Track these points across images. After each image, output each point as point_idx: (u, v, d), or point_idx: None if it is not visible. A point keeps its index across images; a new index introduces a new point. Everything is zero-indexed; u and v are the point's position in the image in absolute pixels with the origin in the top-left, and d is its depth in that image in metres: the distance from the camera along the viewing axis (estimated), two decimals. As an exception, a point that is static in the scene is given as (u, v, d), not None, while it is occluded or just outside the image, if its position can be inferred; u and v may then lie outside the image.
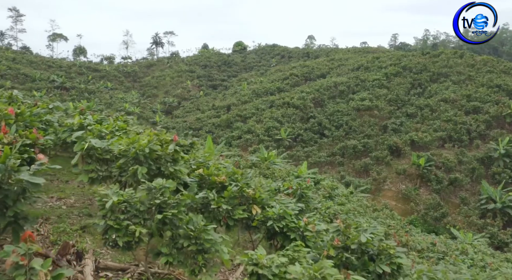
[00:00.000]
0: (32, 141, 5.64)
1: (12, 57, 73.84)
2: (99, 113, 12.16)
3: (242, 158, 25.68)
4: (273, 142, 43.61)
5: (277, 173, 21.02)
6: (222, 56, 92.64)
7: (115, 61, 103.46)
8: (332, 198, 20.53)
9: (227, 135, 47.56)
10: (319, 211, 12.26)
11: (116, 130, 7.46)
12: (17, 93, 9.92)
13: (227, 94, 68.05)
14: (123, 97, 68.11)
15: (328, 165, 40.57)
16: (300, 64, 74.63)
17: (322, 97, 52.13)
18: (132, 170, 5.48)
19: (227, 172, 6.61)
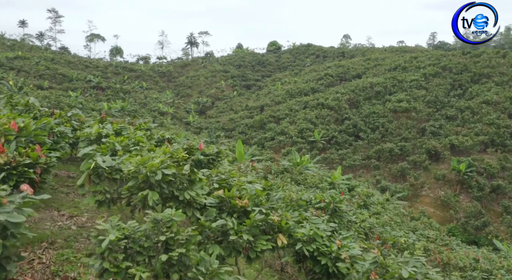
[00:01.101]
0: (32, 160, 5.10)
1: (51, 58, 75.34)
2: (121, 121, 11.67)
3: (274, 162, 24.94)
4: (307, 144, 42.71)
5: (309, 179, 20.21)
6: (256, 56, 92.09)
7: (150, 61, 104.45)
8: (367, 206, 19.61)
9: (259, 136, 46.93)
10: (354, 225, 11.42)
11: (132, 144, 6.87)
12: (34, 100, 9.49)
13: (260, 95, 67.42)
14: (158, 97, 68.43)
15: (363, 169, 39.39)
16: (335, 64, 73.26)
17: (358, 98, 50.84)
18: (141, 196, 4.86)
19: (250, 194, 5.90)
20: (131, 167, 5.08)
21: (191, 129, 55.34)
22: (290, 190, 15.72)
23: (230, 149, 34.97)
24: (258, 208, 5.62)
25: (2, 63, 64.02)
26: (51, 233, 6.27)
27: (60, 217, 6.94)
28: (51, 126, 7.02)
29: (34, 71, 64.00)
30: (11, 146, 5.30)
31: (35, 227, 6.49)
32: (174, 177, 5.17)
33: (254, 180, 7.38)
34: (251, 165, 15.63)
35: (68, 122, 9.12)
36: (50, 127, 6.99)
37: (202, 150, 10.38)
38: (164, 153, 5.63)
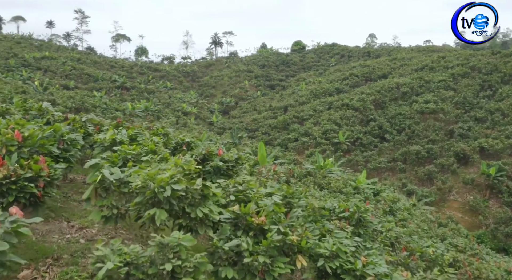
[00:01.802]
0: (35, 173, 4.78)
1: (77, 58, 76.27)
2: (138, 125, 11.38)
3: (297, 165, 24.44)
4: (331, 146, 42.02)
5: (333, 183, 19.65)
6: (280, 56, 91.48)
7: (175, 61, 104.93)
8: (393, 212, 18.98)
9: (283, 137, 46.47)
10: (379, 236, 10.88)
11: (144, 153, 6.50)
12: (47, 105, 9.23)
13: (284, 95, 66.85)
14: (182, 97, 68.56)
15: (388, 171, 38.50)
16: (360, 64, 72.16)
17: (383, 99, 49.82)
18: (148, 215, 4.47)
19: (268, 211, 5.46)
20: (139, 182, 4.70)
21: (215, 130, 55.20)
22: (313, 196, 15.24)
23: (253, 150, 34.62)
24: (276, 226, 5.19)
25: (30, 63, 65.05)
26: (57, 247, 5.95)
27: (69, 229, 6.62)
28: (61, 133, 6.71)
29: (60, 71, 64.84)
30: (13, 157, 5.00)
31: (42, 240, 6.18)
32: (185, 192, 4.78)
33: (273, 191, 6.96)
34: (273, 169, 15.18)
35: (82, 127, 8.84)
36: (60, 134, 6.69)
37: (221, 155, 10.01)
38: (176, 165, 5.24)
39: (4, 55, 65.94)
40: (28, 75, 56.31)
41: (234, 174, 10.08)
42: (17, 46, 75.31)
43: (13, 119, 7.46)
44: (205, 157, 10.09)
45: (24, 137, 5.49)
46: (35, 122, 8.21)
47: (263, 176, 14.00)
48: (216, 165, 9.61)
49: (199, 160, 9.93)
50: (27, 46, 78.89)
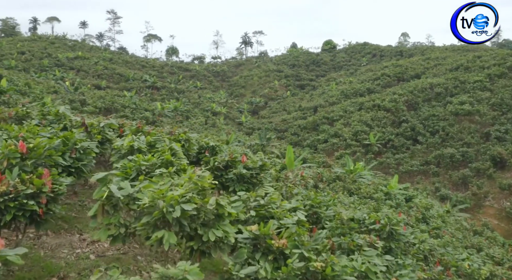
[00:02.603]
0: (36, 188, 4.42)
1: (109, 58, 77.25)
2: (159, 130, 11.03)
3: (326, 167, 23.81)
4: (361, 147, 41.10)
5: (363, 188, 18.95)
6: (310, 55, 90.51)
7: (205, 61, 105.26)
8: (426, 220, 18.18)
9: (312, 138, 45.75)
10: (412, 250, 10.23)
11: (160, 163, 6.10)
12: (64, 109, 8.96)
13: (314, 95, 66.00)
14: (211, 97, 68.57)
15: (421, 175, 37.33)
16: (392, 63, 70.52)
17: (416, 99, 48.45)
18: (155, 239, 4.05)
19: (290, 232, 4.95)
20: (146, 200, 4.28)
21: (243, 130, 54.89)
22: (342, 203, 14.65)
23: (281, 152, 34.11)
24: (299, 250, 4.69)
25: (63, 63, 66.17)
26: (65, 263, 5.60)
27: (80, 243, 6.28)
28: (74, 141, 6.38)
29: (92, 71, 65.75)
30: (14, 171, 4.66)
31: (51, 255, 5.85)
32: (198, 212, 4.33)
33: (298, 205, 6.45)
34: (300, 174, 14.65)
35: (100, 133, 8.52)
36: (73, 142, 6.36)
37: (245, 162, 9.56)
38: (190, 179, 4.79)
39: (38, 55, 67.26)
40: (61, 75, 57.25)
41: (258, 181, 9.62)
42: (51, 47, 76.74)
43: (27, 126, 7.19)
44: (228, 163, 9.67)
45: (29, 148, 5.16)
46: (50, 128, 7.94)
47: (290, 181, 13.50)
48: (239, 172, 9.17)
49: (221, 166, 9.52)
50: (61, 46, 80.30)
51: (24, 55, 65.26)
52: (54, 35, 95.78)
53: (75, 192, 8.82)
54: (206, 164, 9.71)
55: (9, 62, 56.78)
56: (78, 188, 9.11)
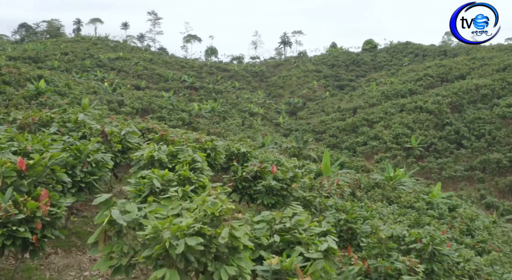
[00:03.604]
0: (29, 213, 3.96)
1: (149, 58, 78.09)
2: (186, 137, 10.54)
3: (364, 174, 22.87)
4: (402, 151, 39.72)
5: (404, 197, 18.00)
6: (350, 55, 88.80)
7: (244, 61, 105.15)
8: (471, 231, 17.06)
9: (351, 140, 44.65)
10: (456, 271, 9.36)
11: (177, 178, 5.56)
12: (83, 117, 8.58)
13: (354, 96, 64.56)
14: (249, 97, 68.22)
15: (465, 181, 35.67)
16: (435, 63, 68.15)
17: (461, 101, 46.49)
18: (155, 278, 3.50)
19: (315, 268, 4.31)
20: (149, 230, 3.74)
21: (281, 131, 54.25)
22: (380, 214, 13.83)
23: (318, 155, 33.26)
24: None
25: (104, 64, 67.28)
26: (70, 290, 5.11)
27: (90, 264, 5.82)
28: (87, 152, 5.94)
29: (133, 72, 66.56)
30: (7, 193, 4.21)
31: (57, 278, 5.37)
32: (207, 245, 3.75)
33: (329, 229, 5.78)
34: (336, 182, 13.91)
35: (121, 142, 8.09)
36: (87, 154, 5.92)
37: (275, 174, 8.96)
38: (203, 202, 4.23)
39: (81, 56, 68.61)
40: (102, 76, 58.16)
41: (288, 194, 9.01)
42: (94, 47, 78.23)
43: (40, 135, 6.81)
44: (257, 174, 9.09)
45: (29, 165, 4.73)
46: (68, 137, 7.55)
47: (325, 190, 12.81)
48: (268, 184, 8.57)
49: (250, 177, 8.96)
50: (103, 47, 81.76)
51: (67, 56, 66.67)
52: (96, 36, 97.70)
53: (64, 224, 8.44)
54: (234, 173, 9.16)
55: (52, 63, 58.05)
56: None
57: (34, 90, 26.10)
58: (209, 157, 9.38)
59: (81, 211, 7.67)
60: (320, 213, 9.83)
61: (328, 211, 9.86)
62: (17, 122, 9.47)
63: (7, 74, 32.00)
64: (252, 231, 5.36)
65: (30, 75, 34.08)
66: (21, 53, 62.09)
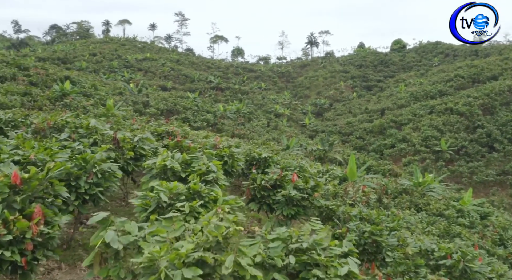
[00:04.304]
0: (18, 233, 3.64)
1: (176, 59, 78.44)
2: (204, 142, 10.17)
3: (391, 179, 22.14)
4: (431, 154, 38.64)
5: (433, 204, 17.28)
6: (378, 55, 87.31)
7: (270, 61, 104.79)
8: (503, 241, 16.23)
9: (378, 143, 43.73)
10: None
11: (186, 192, 5.17)
12: (95, 123, 8.29)
13: (382, 97, 63.38)
14: (275, 98, 67.79)
15: (497, 186, 34.41)
16: (466, 64, 66.27)
17: (493, 103, 44.99)
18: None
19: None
20: (143, 259, 3.36)
21: (307, 132, 53.61)
22: (408, 222, 13.21)
23: (344, 158, 32.59)
24: None
25: (132, 64, 67.84)
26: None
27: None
28: (93, 162, 5.62)
29: (159, 72, 66.93)
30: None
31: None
32: (211, 272, 3.35)
33: (351, 249, 5.31)
34: (361, 189, 13.35)
35: (134, 149, 7.78)
36: (93, 163, 5.60)
37: (295, 182, 8.50)
38: (209, 221, 3.83)
39: (109, 56, 69.36)
40: (129, 76, 58.61)
41: (309, 204, 8.55)
42: (122, 48, 79.02)
43: (47, 143, 6.52)
44: (277, 182, 8.66)
45: (24, 179, 4.41)
46: (78, 144, 7.26)
47: (350, 198, 12.28)
48: (288, 194, 8.13)
49: (269, 186, 8.53)
50: (130, 48, 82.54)
51: (95, 56, 67.50)
52: (124, 37, 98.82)
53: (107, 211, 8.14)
54: (253, 181, 8.74)
55: (81, 64, 58.80)
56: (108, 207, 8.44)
57: (59, 91, 26.23)
58: (226, 164, 8.99)
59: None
60: (343, 224, 9.33)
61: (352, 222, 9.35)
62: (32, 127, 9.29)
63: (34, 75, 32.37)
64: (265, 250, 4.95)
65: (58, 76, 34.41)
66: (51, 54, 63.09)
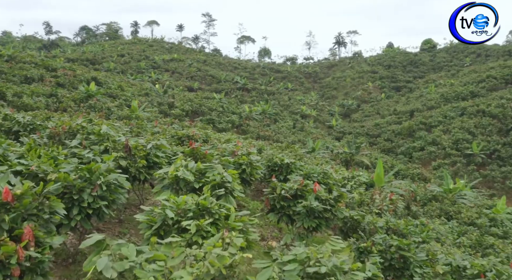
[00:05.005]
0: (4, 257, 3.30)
1: (203, 60, 78.58)
2: (221, 148, 9.76)
3: (420, 185, 21.36)
4: (462, 157, 37.43)
5: (464, 212, 16.49)
6: (408, 56, 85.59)
7: (297, 62, 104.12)
8: (540, 254, 15.34)
9: (407, 145, 42.70)
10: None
11: (194, 208, 4.76)
12: (106, 129, 7.94)
13: (411, 98, 62.03)
14: (302, 98, 67.21)
15: (532, 191, 33.12)
16: (499, 64, 64.22)
17: (528, 105, 43.43)
18: None
19: None
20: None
21: (333, 134, 52.86)
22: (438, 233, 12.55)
23: (372, 161, 31.81)
24: None
25: (159, 65, 68.20)
26: None
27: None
28: (99, 173, 5.25)
29: (186, 73, 67.11)
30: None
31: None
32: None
33: (375, 273, 4.82)
34: (389, 197, 12.74)
35: (147, 157, 7.43)
36: (99, 174, 5.23)
37: (317, 193, 8.02)
38: (213, 246, 3.42)
39: (137, 57, 69.93)
40: (156, 77, 58.90)
41: (332, 216, 8.04)
42: (150, 49, 79.64)
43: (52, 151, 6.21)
44: (298, 192, 8.19)
45: (17, 196, 4.06)
46: (88, 151, 6.95)
47: (376, 206, 11.71)
48: (309, 205, 7.65)
49: (289, 195, 8.07)
50: (158, 49, 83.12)
51: (123, 57, 68.15)
52: (152, 38, 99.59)
53: (120, 220, 7.82)
54: (272, 190, 8.29)
55: (109, 65, 59.38)
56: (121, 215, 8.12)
57: (85, 93, 26.30)
58: (244, 172, 8.56)
59: (102, 231, 7.06)
60: (369, 236, 8.79)
61: (378, 234, 8.81)
62: (47, 132, 9.05)
63: (62, 76, 32.61)
64: (280, 273, 4.53)
65: (85, 77, 34.63)
66: (80, 55, 63.95)
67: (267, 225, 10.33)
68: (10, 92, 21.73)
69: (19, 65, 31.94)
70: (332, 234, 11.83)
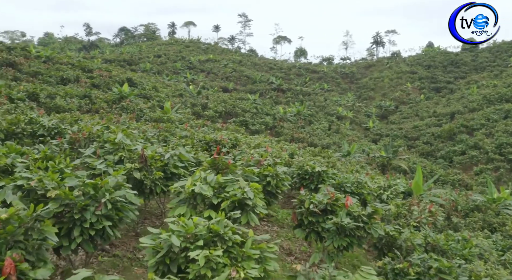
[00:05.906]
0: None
1: (238, 60, 78.44)
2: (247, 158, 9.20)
3: (461, 193, 20.24)
4: (506, 163, 35.68)
5: (509, 224, 15.40)
6: (448, 55, 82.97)
7: (333, 62, 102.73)
8: None
9: (447, 149, 41.08)
10: None
11: (205, 233, 4.21)
12: (122, 137, 7.49)
13: (451, 99, 59.96)
14: (338, 99, 66.05)
15: None
16: (547, 64, 61.57)
17: None
18: None
19: None
20: None
21: (370, 136, 51.62)
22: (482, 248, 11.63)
23: (410, 166, 30.67)
24: None
25: (195, 66, 68.37)
26: None
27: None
28: (105, 189, 4.78)
29: (221, 73, 67.05)
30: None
31: None
32: None
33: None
34: (428, 208, 11.89)
35: (164, 167, 6.96)
36: (104, 191, 4.77)
37: (349, 208, 7.37)
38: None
39: (173, 58, 70.37)
40: (191, 77, 59.01)
41: (366, 234, 7.37)
42: (186, 50, 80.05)
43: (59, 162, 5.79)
44: (328, 206, 7.56)
45: (4, 219, 3.61)
46: (101, 162, 6.53)
47: (414, 219, 10.92)
48: (339, 222, 7.01)
49: (318, 210, 7.45)
50: (194, 49, 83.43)
51: (159, 58, 68.67)
52: (189, 38, 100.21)
53: (137, 233, 7.37)
54: (300, 204, 7.70)
55: (145, 65, 59.86)
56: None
57: (117, 94, 26.25)
58: (269, 185, 7.99)
59: (116, 247, 6.62)
60: (405, 254, 8.06)
61: (416, 253, 8.07)
62: (67, 138, 8.74)
63: (97, 77, 32.82)
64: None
65: (120, 78, 34.78)
66: (117, 56, 64.79)
67: (295, 238, 9.72)
68: (43, 94, 21.82)
69: (56, 66, 32.32)
70: (365, 248, 11.14)
